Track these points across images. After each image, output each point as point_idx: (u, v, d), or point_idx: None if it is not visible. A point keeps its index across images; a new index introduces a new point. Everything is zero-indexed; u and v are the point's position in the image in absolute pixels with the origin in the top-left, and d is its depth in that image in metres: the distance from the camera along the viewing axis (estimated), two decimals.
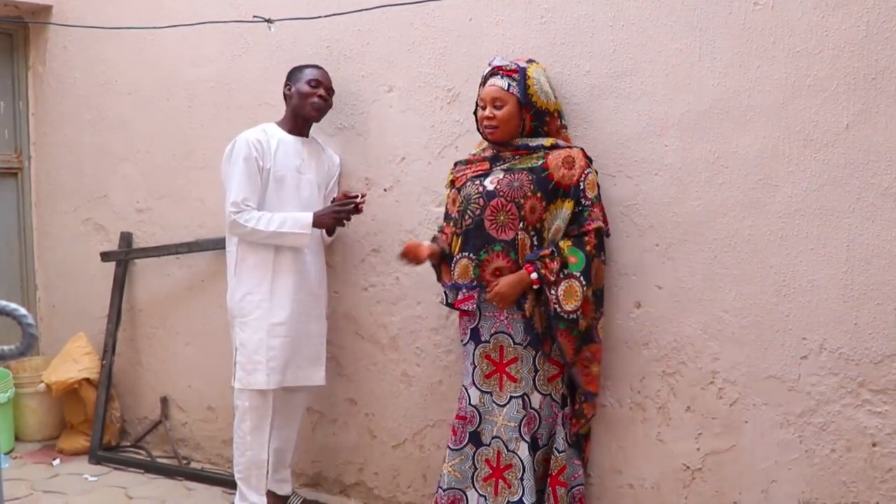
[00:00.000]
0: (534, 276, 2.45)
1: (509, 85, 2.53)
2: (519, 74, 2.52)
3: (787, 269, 2.36)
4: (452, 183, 2.69)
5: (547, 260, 2.45)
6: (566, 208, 2.50)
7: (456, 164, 2.73)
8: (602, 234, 2.52)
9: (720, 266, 2.46)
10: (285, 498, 3.17)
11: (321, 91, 3.02)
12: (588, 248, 2.47)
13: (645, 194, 2.57)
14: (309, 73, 3.04)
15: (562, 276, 2.44)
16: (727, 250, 2.45)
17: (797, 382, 2.37)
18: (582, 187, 2.50)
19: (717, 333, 2.48)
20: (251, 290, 2.96)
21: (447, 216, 2.71)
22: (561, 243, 2.49)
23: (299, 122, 3.05)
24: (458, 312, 2.70)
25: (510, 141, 2.58)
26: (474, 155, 2.70)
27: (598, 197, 2.54)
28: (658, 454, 2.61)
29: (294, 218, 2.92)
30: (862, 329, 2.27)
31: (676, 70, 2.50)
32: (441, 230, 2.74)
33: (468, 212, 2.56)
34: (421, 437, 3.12)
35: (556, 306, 2.44)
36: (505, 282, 2.47)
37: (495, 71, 2.57)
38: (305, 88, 3.00)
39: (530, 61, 2.59)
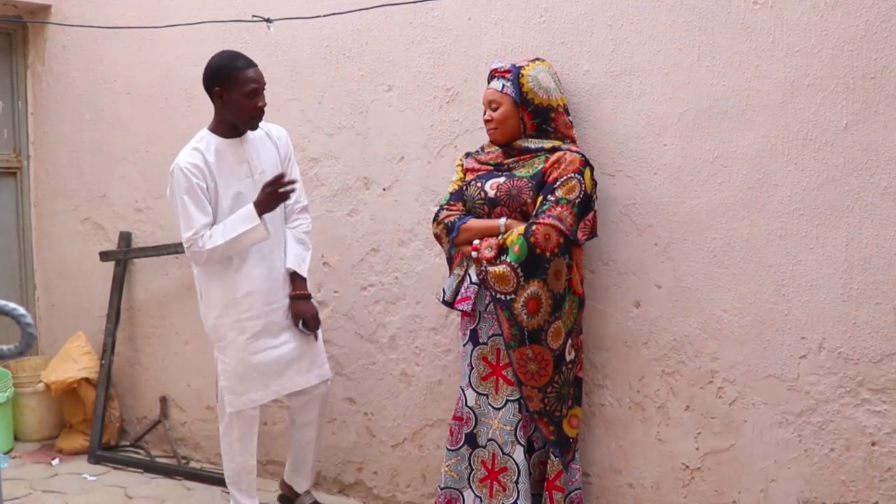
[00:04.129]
0: (474, 254, 2.48)
1: (503, 86, 2.53)
2: (512, 74, 2.52)
3: (786, 269, 2.36)
4: (463, 171, 2.69)
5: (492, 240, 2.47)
6: (538, 203, 2.46)
7: (467, 155, 2.73)
8: (567, 236, 2.40)
9: (719, 265, 2.46)
10: (296, 494, 3.12)
11: (261, 101, 2.74)
12: (532, 239, 2.38)
13: (644, 193, 2.57)
14: (245, 79, 2.70)
15: (499, 260, 2.43)
16: (726, 249, 2.45)
17: (796, 382, 2.37)
18: (555, 186, 2.43)
19: (716, 333, 2.48)
20: (220, 314, 2.83)
21: (455, 196, 2.66)
22: (515, 230, 2.45)
23: (236, 126, 2.82)
24: (458, 312, 2.70)
25: (513, 141, 2.58)
26: (486, 151, 2.69)
27: (576, 203, 2.41)
28: (657, 453, 2.61)
29: (237, 217, 2.74)
30: (861, 328, 2.27)
31: (675, 69, 2.50)
32: (444, 208, 2.66)
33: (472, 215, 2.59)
34: (420, 436, 3.11)
35: (490, 282, 2.44)
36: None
37: (492, 74, 2.59)
38: (244, 102, 2.72)
39: (535, 60, 2.58)
